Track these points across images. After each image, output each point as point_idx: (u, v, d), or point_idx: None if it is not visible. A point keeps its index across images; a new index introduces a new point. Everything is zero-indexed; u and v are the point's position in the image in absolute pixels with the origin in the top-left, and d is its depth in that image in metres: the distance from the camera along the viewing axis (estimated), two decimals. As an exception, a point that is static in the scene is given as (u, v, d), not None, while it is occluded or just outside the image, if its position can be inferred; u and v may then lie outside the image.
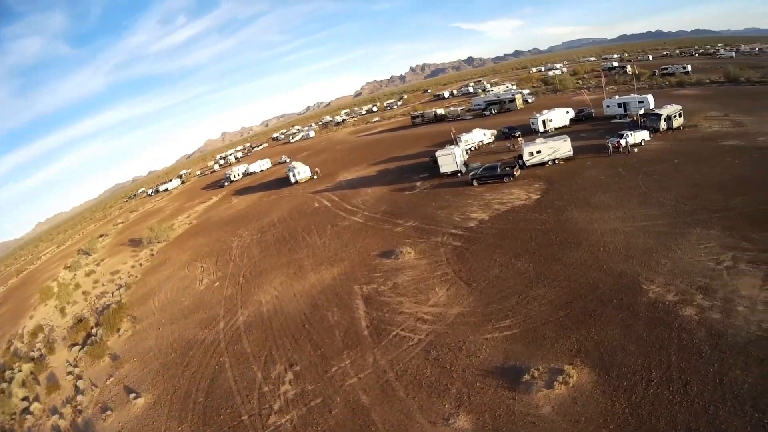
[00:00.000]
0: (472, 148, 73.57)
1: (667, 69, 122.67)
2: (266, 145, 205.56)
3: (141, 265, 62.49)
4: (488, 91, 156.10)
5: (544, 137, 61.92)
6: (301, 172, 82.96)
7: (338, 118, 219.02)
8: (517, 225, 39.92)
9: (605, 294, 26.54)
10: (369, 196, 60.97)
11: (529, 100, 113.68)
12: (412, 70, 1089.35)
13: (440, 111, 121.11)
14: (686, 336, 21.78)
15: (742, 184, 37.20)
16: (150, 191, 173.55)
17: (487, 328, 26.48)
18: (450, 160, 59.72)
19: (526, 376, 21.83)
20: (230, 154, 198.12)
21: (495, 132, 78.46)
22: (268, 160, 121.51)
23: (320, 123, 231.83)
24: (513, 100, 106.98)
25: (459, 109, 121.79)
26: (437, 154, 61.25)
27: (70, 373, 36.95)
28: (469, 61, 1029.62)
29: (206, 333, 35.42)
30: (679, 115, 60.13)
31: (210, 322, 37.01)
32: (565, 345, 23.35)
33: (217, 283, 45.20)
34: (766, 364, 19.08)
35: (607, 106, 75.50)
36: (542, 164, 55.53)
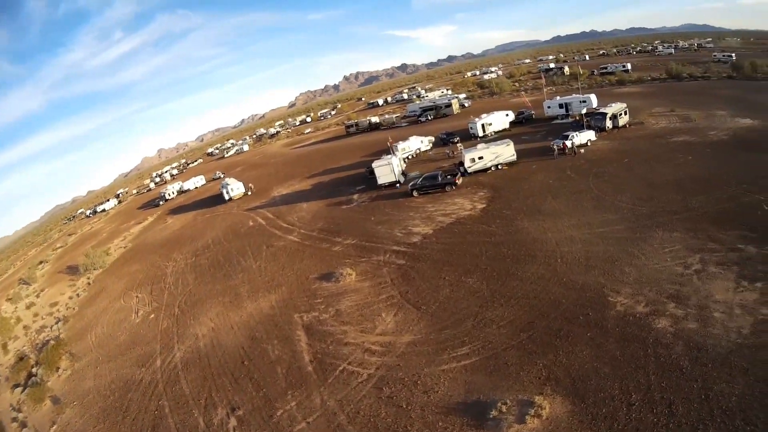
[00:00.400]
0: (410, 157, 75.17)
1: (606, 68, 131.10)
2: (201, 160, 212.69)
3: (78, 295, 62.41)
4: (423, 97, 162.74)
5: (486, 142, 63.35)
6: (235, 188, 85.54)
7: (272, 130, 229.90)
8: (465, 238, 39.77)
9: (569, 310, 26.36)
10: (305, 212, 62.07)
11: (466, 105, 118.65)
12: (346, 78, 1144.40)
13: (375, 119, 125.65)
14: (663, 351, 21.77)
15: (699, 182, 39.23)
16: (88, 212, 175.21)
17: (443, 357, 25.52)
18: (387, 170, 60.57)
19: (494, 412, 20.88)
20: (165, 172, 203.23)
21: (432, 139, 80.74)
22: (202, 176, 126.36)
23: (254, 136, 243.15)
24: (449, 105, 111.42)
25: (394, 116, 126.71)
26: (374, 164, 62.03)
27: (15, 419, 36.07)
28: (403, 67, 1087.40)
29: (143, 372, 34.76)
30: (625, 113, 63.55)
31: (147, 360, 36.52)
32: (531, 372, 22.69)
33: (153, 315, 44.99)
34: (751, 374, 19.32)
35: (548, 107, 78.99)
36: (485, 170, 56.59)
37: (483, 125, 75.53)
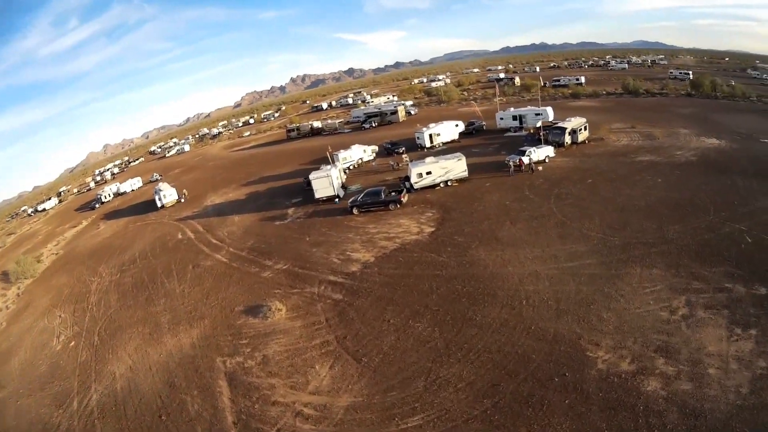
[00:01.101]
0: (351, 167, 73.58)
1: (559, 80, 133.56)
2: (143, 159, 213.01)
3: (8, 308, 59.71)
4: (368, 102, 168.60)
5: (435, 155, 61.13)
6: (168, 195, 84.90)
7: (215, 131, 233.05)
8: (411, 269, 36.62)
9: (541, 369, 23.33)
10: (236, 226, 59.89)
11: (412, 112, 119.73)
12: (293, 80, 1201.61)
13: (317, 124, 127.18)
14: (656, 421, 19.18)
15: (673, 209, 37.96)
16: (30, 210, 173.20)
17: (390, 430, 21.92)
18: (326, 183, 58.43)
19: None
20: (107, 170, 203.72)
21: (376, 148, 78.81)
22: (139, 178, 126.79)
23: (197, 136, 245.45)
24: (395, 112, 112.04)
25: (337, 121, 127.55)
26: (311, 176, 59.61)
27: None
28: (350, 72, 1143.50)
29: (61, 415, 31.95)
30: (585, 128, 62.87)
31: (65, 399, 33.77)
32: (499, 456, 19.37)
33: (73, 343, 42.23)
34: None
35: (501, 119, 78.10)
36: (433, 186, 54.44)
37: (431, 135, 74.19)
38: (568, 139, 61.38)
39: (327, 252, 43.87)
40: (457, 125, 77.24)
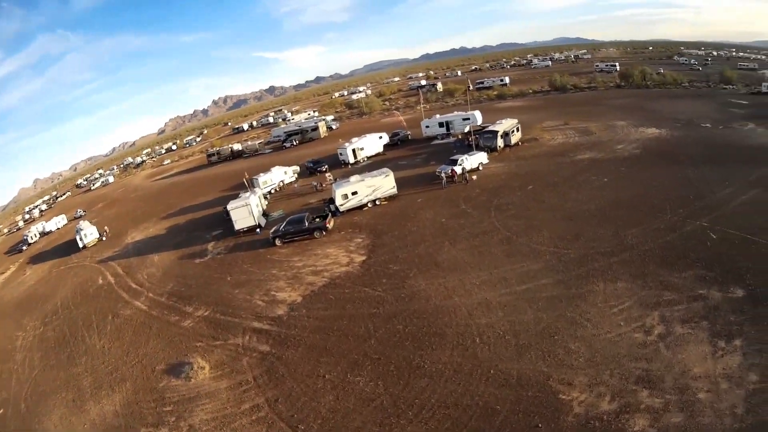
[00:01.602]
0: (273, 190, 71.47)
1: (483, 83, 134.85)
2: (69, 193, 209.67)
3: None
4: (289, 120, 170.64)
5: (360, 174, 58.43)
6: (89, 234, 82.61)
7: (138, 159, 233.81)
8: (344, 309, 33.45)
9: (510, 423, 20.39)
10: (155, 267, 57.13)
11: (334, 127, 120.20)
12: (215, 103, 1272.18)
13: (237, 146, 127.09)
14: (654, 471, 16.73)
15: (627, 210, 36.72)
16: None
17: None
18: (245, 213, 55.92)
19: None
20: (35, 207, 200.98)
21: (298, 168, 76.47)
22: (63, 216, 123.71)
23: (122, 165, 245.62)
24: (316, 129, 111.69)
25: (257, 142, 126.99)
26: (229, 206, 57.07)
27: None
28: (271, 90, 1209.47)
29: None
30: (517, 129, 61.95)
31: None
32: None
33: (2, 410, 38.98)
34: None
35: (427, 127, 76.97)
36: (360, 207, 52.03)
37: (354, 150, 72.38)
38: (500, 142, 60.15)
39: (250, 293, 40.84)
40: (381, 137, 75.72)
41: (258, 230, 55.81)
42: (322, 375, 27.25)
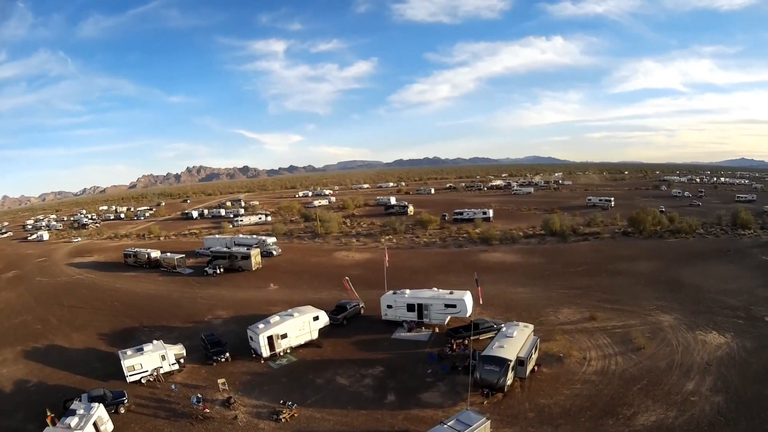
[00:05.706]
0: (144, 380, 42.12)
1: (462, 213, 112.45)
2: (12, 234, 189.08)
3: None
4: (238, 221, 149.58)
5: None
6: None
7: (84, 220, 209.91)
8: None
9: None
10: None
11: (274, 253, 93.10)
12: (189, 170, 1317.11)
13: (155, 254, 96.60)
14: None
15: None
16: None
17: None
18: None
19: None
20: None
21: (184, 351, 45.18)
22: None
23: (71, 218, 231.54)
24: (247, 257, 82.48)
25: (176, 257, 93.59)
26: None
27: None
28: (245, 170, 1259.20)
29: None
30: (535, 349, 36.23)
31: None
32: None
33: None
34: None
35: (389, 307, 49.52)
36: None
37: (271, 338, 43.97)
38: (510, 377, 34.14)
39: None
40: (316, 318, 47.23)
41: None
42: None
